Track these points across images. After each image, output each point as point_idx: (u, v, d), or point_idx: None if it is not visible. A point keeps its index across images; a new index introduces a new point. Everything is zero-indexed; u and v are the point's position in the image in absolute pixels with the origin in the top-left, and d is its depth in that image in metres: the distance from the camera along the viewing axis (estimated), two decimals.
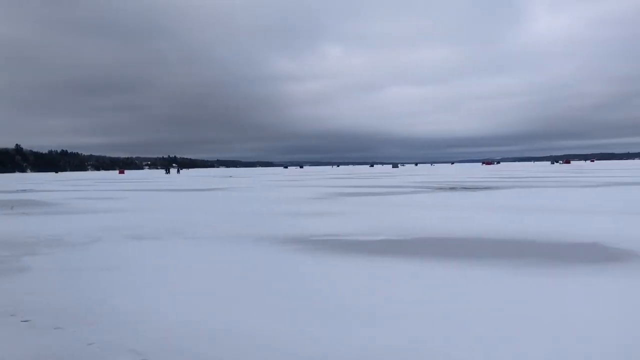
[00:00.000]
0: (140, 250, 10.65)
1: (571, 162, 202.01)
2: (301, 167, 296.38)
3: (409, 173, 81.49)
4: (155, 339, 5.16)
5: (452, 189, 31.47)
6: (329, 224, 14.25)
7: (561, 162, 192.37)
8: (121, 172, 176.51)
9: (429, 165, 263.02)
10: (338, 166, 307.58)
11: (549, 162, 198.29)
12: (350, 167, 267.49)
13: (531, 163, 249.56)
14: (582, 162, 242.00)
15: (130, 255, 9.99)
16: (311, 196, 26.73)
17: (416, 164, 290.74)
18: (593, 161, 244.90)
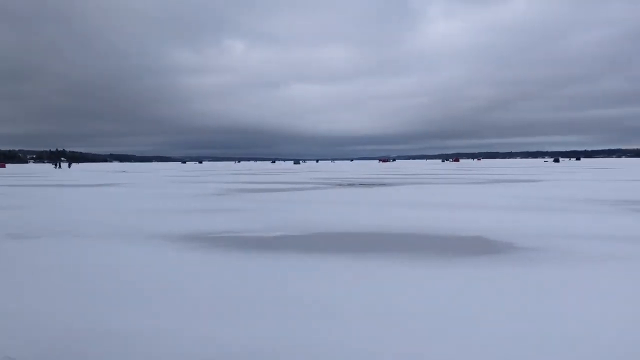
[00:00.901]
0: (20, 250, 9.88)
1: (460, 160, 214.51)
2: (200, 162, 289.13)
3: (310, 169, 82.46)
4: (30, 343, 4.80)
5: (351, 185, 32.24)
6: (228, 220, 14.06)
7: (451, 160, 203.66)
8: (2, 165, 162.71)
9: (330, 162, 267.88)
10: (239, 162, 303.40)
11: (440, 160, 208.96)
12: (252, 163, 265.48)
13: (424, 161, 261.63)
14: (470, 160, 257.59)
15: (8, 256, 9.24)
16: (210, 192, 26.24)
17: (317, 161, 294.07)
18: (480, 159, 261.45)
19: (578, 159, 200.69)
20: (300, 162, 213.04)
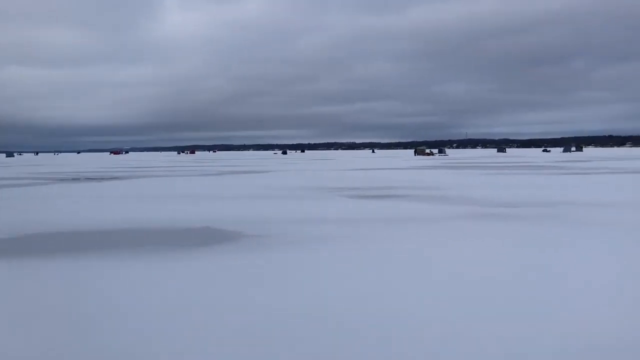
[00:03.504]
0: None
1: (196, 152, 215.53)
2: None
3: (27, 163, 73.13)
4: None
5: (75, 180, 29.76)
6: None
7: (187, 152, 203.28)
8: None
9: (53, 154, 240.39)
10: None
11: (176, 152, 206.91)
12: None
13: (159, 153, 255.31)
14: (206, 152, 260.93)
15: None
16: None
17: (37, 153, 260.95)
18: (215, 151, 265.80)
19: (303, 150, 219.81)
20: (15, 154, 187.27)
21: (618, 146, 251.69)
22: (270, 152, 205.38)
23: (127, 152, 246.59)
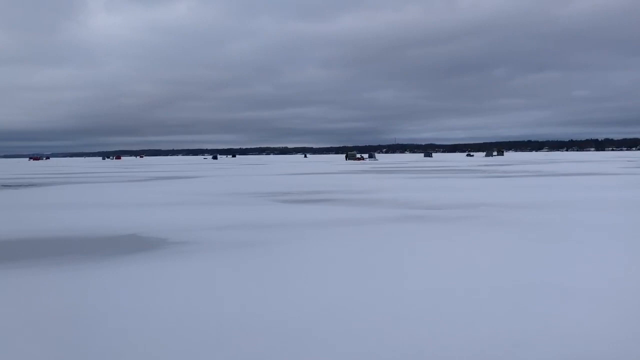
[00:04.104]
0: None
1: (122, 157, 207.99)
2: None
3: None
4: None
5: None
6: None
7: (112, 157, 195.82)
8: None
9: None
10: None
11: (101, 158, 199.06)
12: None
13: (83, 158, 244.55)
14: (133, 157, 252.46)
15: None
16: None
17: None
18: (142, 157, 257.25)
19: (234, 155, 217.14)
20: None
21: (536, 150, 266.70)
22: (200, 157, 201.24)
23: (48, 157, 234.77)
